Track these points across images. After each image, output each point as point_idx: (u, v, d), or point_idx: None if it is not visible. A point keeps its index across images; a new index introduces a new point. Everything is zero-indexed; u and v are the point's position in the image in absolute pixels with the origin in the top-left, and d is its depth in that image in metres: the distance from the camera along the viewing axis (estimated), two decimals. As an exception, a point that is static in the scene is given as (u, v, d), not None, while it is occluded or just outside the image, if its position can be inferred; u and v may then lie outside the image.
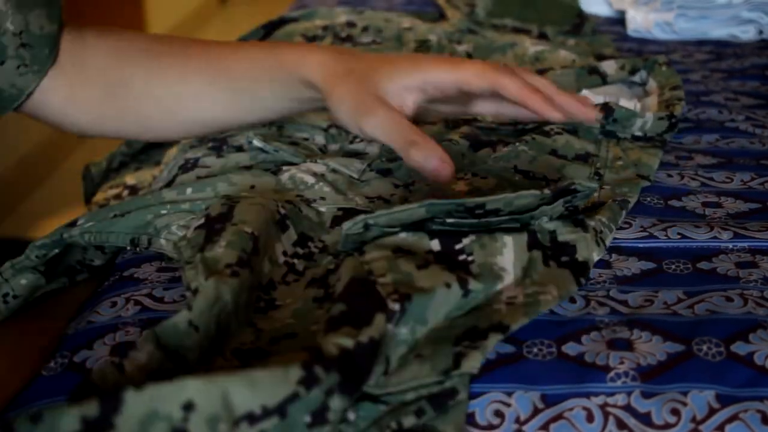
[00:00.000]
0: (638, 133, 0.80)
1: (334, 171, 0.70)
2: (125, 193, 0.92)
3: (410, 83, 0.63)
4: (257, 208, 0.61)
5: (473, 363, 0.50)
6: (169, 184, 0.72)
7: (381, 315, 0.49)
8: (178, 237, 0.63)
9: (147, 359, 0.47)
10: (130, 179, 0.95)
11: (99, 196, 0.97)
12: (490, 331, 0.52)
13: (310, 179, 0.68)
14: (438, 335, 0.52)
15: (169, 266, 0.64)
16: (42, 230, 2.02)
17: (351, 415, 0.46)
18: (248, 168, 0.72)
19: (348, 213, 0.66)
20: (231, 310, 0.52)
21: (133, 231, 0.65)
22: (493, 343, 0.51)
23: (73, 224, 0.66)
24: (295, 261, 0.61)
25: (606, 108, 0.79)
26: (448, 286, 0.52)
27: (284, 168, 0.69)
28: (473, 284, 0.53)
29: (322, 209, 0.66)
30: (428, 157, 0.59)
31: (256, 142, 0.72)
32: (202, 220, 0.61)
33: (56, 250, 0.65)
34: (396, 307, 0.50)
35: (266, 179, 0.68)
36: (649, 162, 0.75)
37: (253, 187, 0.67)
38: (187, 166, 0.74)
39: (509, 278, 0.55)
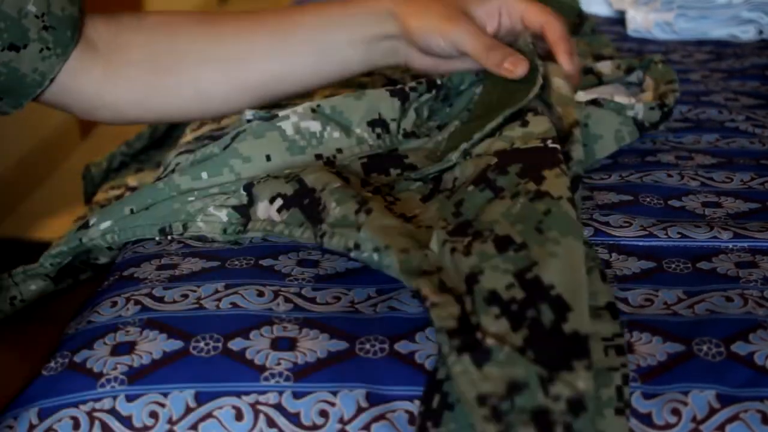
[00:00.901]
0: None
1: (327, 97, 0.70)
2: (127, 194, 0.92)
3: (492, 6, 0.73)
4: (322, 173, 0.63)
5: (579, 151, 0.64)
6: (164, 171, 0.72)
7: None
8: (219, 218, 0.64)
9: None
10: (131, 180, 0.95)
11: (99, 196, 0.97)
12: (572, 130, 0.66)
13: (315, 126, 0.68)
14: None
15: (169, 263, 0.64)
16: (42, 230, 2.02)
17: None
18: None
19: (371, 159, 0.68)
20: (399, 225, 0.57)
21: (162, 221, 0.65)
22: (578, 134, 0.66)
23: (86, 226, 0.65)
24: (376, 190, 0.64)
25: (594, 103, 0.79)
26: None
27: (281, 114, 0.68)
28: None
29: (345, 163, 0.68)
30: (504, 57, 0.69)
31: (248, 114, 0.71)
32: (280, 201, 0.63)
33: (70, 258, 0.65)
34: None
35: (271, 135, 0.67)
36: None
37: (268, 157, 0.67)
38: (181, 153, 0.74)
39: None
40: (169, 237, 0.65)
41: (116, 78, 0.71)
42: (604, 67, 0.92)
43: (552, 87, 0.71)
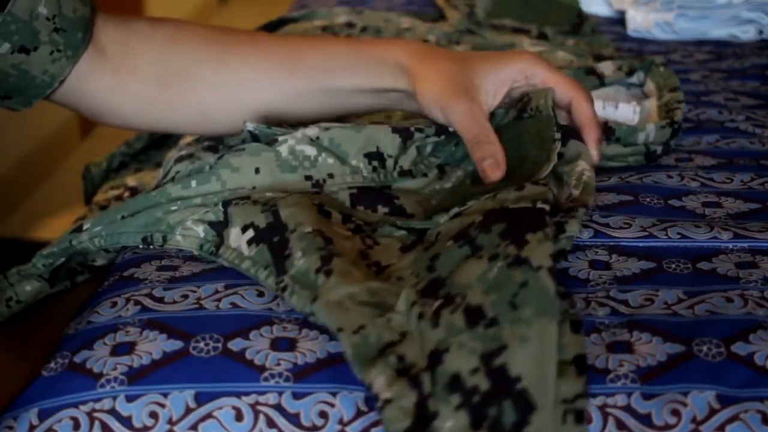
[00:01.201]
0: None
1: (327, 128, 0.69)
2: (126, 194, 0.92)
3: (506, 75, 0.70)
4: (299, 208, 0.61)
5: (574, 228, 0.60)
6: (165, 177, 0.72)
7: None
8: (196, 233, 0.63)
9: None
10: (131, 181, 0.95)
11: (99, 197, 0.97)
12: (578, 207, 0.62)
13: (311, 150, 0.67)
14: None
15: (169, 265, 0.64)
16: (42, 230, 2.02)
17: None
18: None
19: (361, 191, 0.66)
20: (359, 291, 0.54)
21: (144, 229, 0.65)
22: (582, 214, 0.62)
23: (79, 230, 0.66)
24: (357, 232, 0.62)
25: (606, 129, 0.79)
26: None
27: (280, 138, 0.68)
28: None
29: (334, 189, 0.67)
30: (484, 158, 0.66)
31: (249, 125, 0.71)
32: (252, 233, 0.61)
33: (63, 259, 0.65)
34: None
35: (266, 155, 0.67)
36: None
37: (257, 170, 0.66)
38: (181, 159, 0.74)
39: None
40: (151, 246, 0.65)
41: (123, 88, 0.71)
42: (606, 68, 0.92)
43: (575, 170, 0.67)
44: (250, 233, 0.61)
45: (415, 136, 0.69)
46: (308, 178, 0.67)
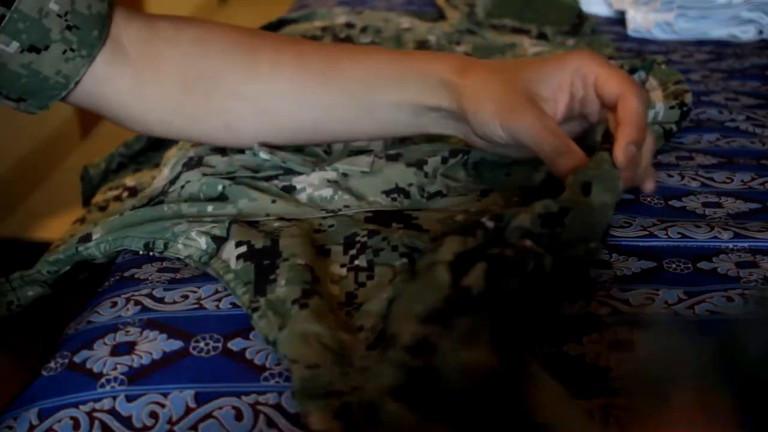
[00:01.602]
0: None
1: (345, 174, 0.68)
2: (125, 194, 0.92)
3: (561, 78, 0.62)
4: (299, 240, 0.61)
5: (524, 218, 0.54)
6: (173, 182, 0.72)
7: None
8: (198, 244, 0.63)
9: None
10: (129, 181, 0.95)
11: (98, 198, 0.97)
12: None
13: (328, 192, 0.67)
14: None
15: (170, 267, 0.64)
16: (41, 230, 2.02)
17: None
18: (256, 174, 0.71)
19: (378, 214, 0.66)
20: (327, 334, 0.52)
21: (148, 235, 0.65)
22: (541, 206, 0.55)
23: (87, 239, 0.65)
24: (356, 262, 0.61)
25: None
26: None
27: (298, 187, 0.68)
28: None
29: (350, 213, 0.66)
30: (575, 165, 0.59)
31: (262, 154, 0.70)
32: (244, 248, 0.60)
33: (68, 267, 0.65)
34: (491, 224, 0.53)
35: (285, 199, 0.68)
36: None
37: (274, 201, 0.67)
38: (191, 164, 0.73)
39: None
40: (151, 253, 0.65)
41: (144, 91, 0.68)
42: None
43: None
44: (243, 249, 0.60)
45: (430, 162, 0.68)
46: (322, 209, 0.67)
